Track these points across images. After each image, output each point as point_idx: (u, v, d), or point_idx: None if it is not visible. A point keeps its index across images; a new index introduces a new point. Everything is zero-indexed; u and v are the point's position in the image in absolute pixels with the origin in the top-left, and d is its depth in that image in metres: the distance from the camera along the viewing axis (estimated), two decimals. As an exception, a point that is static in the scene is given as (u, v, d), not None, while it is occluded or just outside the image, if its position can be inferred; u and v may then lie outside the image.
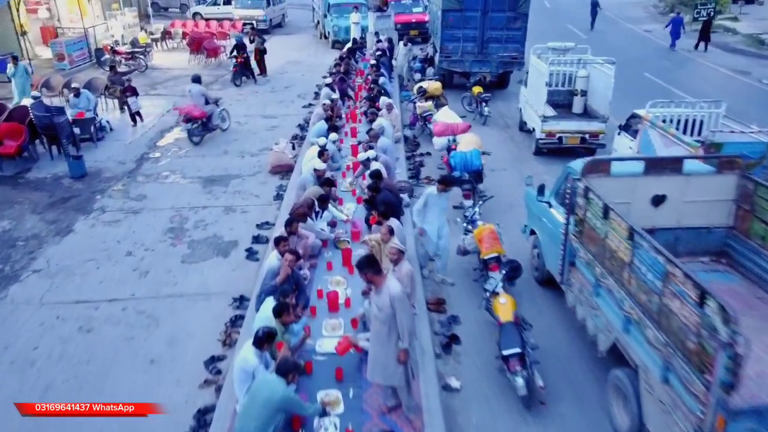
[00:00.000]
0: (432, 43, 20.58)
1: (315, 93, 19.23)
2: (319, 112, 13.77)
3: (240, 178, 12.77)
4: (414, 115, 15.44)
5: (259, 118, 17.00)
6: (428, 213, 8.29)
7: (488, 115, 15.95)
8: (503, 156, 13.85)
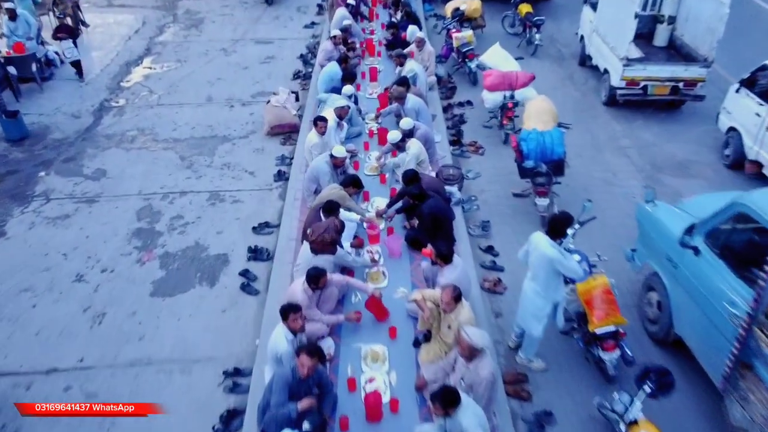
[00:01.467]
0: None
1: (318, 6, 15.58)
2: (328, 48, 10.50)
3: (229, 141, 9.80)
4: (447, 47, 12.10)
5: (249, 43, 13.58)
6: (535, 270, 5.46)
7: (539, 44, 12.59)
8: (563, 106, 10.71)
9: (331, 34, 10.50)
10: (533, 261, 5.31)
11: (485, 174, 8.92)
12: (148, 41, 13.66)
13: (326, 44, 10.55)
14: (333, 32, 10.53)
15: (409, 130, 7.65)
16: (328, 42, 10.55)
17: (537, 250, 5.31)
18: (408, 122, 7.83)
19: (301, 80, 11.78)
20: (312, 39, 13.60)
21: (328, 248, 5.81)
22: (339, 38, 10.50)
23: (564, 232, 5.27)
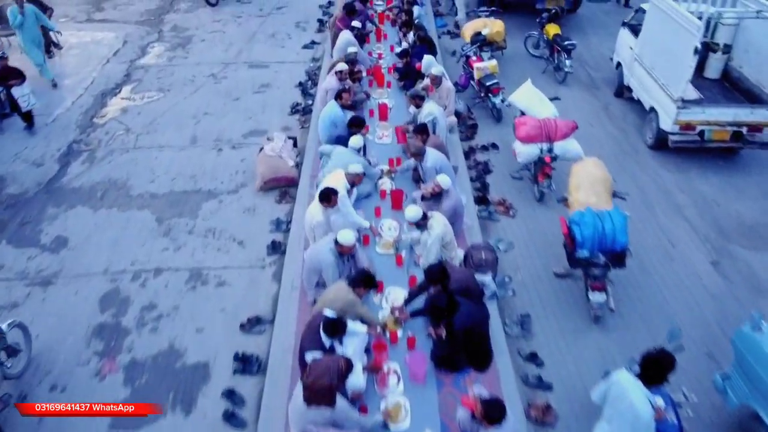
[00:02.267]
0: None
1: (319, 21, 14.07)
2: (332, 85, 9.01)
3: (215, 197, 8.35)
4: (466, 75, 10.62)
5: (242, 67, 12.09)
6: (617, 424, 4.10)
7: (570, 71, 11.09)
8: (600, 147, 9.33)
9: (336, 69, 9.02)
10: (616, 410, 4.01)
11: (518, 243, 7.50)
12: (129, 65, 12.17)
13: (330, 80, 9.05)
14: (338, 66, 9.04)
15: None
16: (332, 78, 9.06)
17: (625, 401, 4.01)
18: (446, 181, 6.48)
19: (300, 115, 10.32)
20: (312, 63, 12.11)
21: (325, 400, 4.37)
22: (345, 73, 9.02)
23: (665, 377, 3.95)
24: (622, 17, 14.08)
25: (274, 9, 15.05)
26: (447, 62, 12.02)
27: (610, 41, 12.63)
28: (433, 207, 6.74)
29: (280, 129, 9.90)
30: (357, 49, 10.16)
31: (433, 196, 6.78)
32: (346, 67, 9.04)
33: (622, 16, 14.23)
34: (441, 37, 13.34)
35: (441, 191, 6.67)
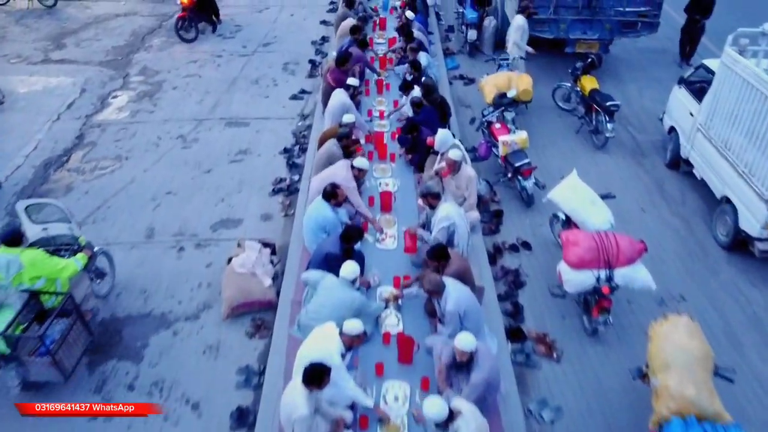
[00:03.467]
0: None
1: (311, 63, 12.13)
2: (319, 184, 7.06)
3: (169, 327, 6.43)
4: (487, 143, 8.67)
5: (218, 125, 10.15)
6: None
7: (611, 136, 9.15)
8: (657, 244, 7.44)
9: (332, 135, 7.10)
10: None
11: (568, 406, 5.58)
12: (84, 122, 10.24)
13: (327, 173, 7.10)
14: (329, 147, 7.11)
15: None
16: (330, 170, 7.11)
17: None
18: (472, 343, 4.58)
19: (284, 196, 8.39)
20: (300, 121, 10.19)
21: None
22: (346, 178, 7.04)
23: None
24: (663, 56, 12.29)
25: (259, 46, 13.12)
26: (460, 117, 10.10)
27: (652, 90, 10.82)
28: (457, 379, 4.85)
29: (259, 217, 8.00)
30: (353, 114, 8.27)
31: (459, 365, 4.87)
32: (346, 166, 7.01)
33: (662, 55, 12.38)
34: (452, 83, 11.42)
35: (469, 358, 4.76)
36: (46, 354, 5.24)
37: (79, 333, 5.69)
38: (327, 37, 13.27)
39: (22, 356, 5.32)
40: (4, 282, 5.39)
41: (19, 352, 5.31)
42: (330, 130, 8.04)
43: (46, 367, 5.33)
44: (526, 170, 7.73)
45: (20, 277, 5.43)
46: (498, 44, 12.55)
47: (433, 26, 13.34)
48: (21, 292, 5.46)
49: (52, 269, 5.52)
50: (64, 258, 5.75)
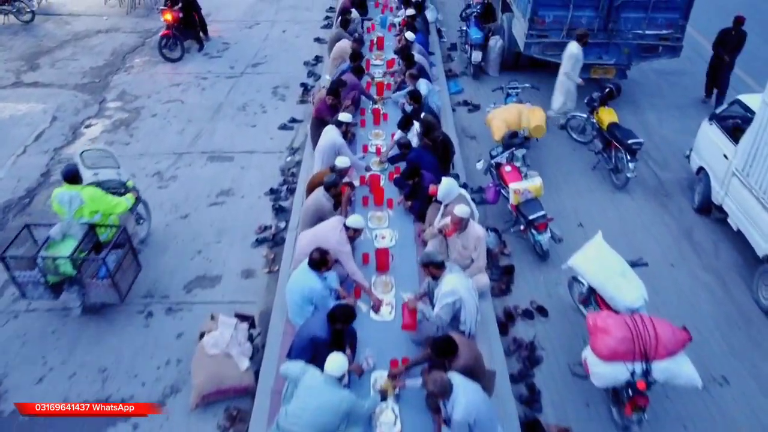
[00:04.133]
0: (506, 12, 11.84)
1: (303, 87, 11.22)
2: (306, 245, 6.16)
3: (128, 420, 5.46)
4: (495, 188, 7.75)
5: (199, 160, 9.25)
6: None
7: (632, 176, 8.24)
8: (691, 309, 6.56)
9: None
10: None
11: None
12: (52, 156, 9.34)
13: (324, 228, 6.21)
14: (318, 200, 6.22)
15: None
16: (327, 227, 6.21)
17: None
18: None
19: (269, 247, 7.49)
20: (289, 156, 9.27)
21: None
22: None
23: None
24: (684, 79, 11.37)
25: (248, 67, 12.21)
26: (464, 150, 9.21)
27: (673, 119, 9.95)
28: None
29: (239, 274, 7.10)
30: (346, 154, 7.39)
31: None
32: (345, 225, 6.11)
33: (682, 78, 11.47)
34: (456, 110, 10.51)
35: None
36: (106, 276, 6.00)
37: (131, 262, 6.47)
38: (320, 57, 12.37)
39: (84, 279, 6.04)
40: (66, 216, 6.15)
41: (82, 275, 6.02)
42: (319, 175, 7.15)
43: (105, 289, 6.08)
44: (541, 224, 6.82)
45: (81, 211, 6.17)
46: (504, 65, 11.67)
47: (435, 45, 12.45)
48: (81, 225, 6.18)
49: (107, 205, 6.29)
50: (115, 197, 6.49)
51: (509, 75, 11.52)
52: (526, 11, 9.64)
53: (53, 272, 5.98)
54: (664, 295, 6.72)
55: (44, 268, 5.94)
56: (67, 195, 6.14)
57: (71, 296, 6.11)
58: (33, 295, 6.15)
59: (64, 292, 6.12)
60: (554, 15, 9.48)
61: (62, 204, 6.15)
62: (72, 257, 5.92)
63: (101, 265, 6.02)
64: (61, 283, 6.10)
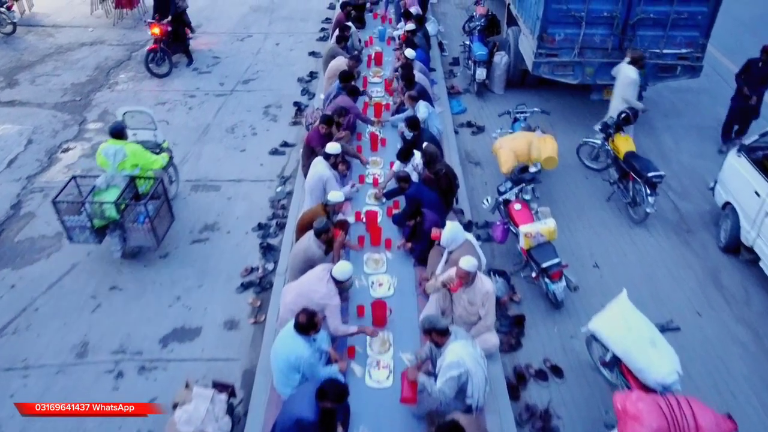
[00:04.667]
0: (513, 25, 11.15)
1: (296, 106, 10.56)
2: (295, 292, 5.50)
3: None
4: (504, 226, 7.07)
5: (182, 189, 8.57)
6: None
7: (652, 212, 7.56)
8: (724, 368, 5.90)
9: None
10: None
11: None
12: (24, 185, 8.68)
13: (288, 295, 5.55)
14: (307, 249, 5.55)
15: None
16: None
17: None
18: None
19: (255, 293, 6.86)
20: (280, 186, 8.61)
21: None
22: None
23: None
24: (702, 98, 10.70)
25: (238, 83, 11.54)
26: (468, 178, 8.56)
27: (691, 142, 9.35)
28: None
29: (222, 325, 6.44)
30: (335, 188, 6.75)
31: None
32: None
33: (699, 96, 10.79)
34: (459, 132, 9.85)
35: None
36: (145, 221, 6.67)
37: (166, 212, 7.22)
38: (315, 73, 11.71)
39: (126, 223, 6.74)
40: (110, 168, 6.79)
41: (125, 220, 6.71)
42: (310, 214, 6.49)
43: (144, 233, 6.76)
44: (555, 273, 6.14)
45: (123, 164, 6.83)
46: (510, 83, 11.01)
47: (436, 60, 11.79)
48: (124, 176, 6.84)
49: (146, 161, 6.99)
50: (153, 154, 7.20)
51: (515, 93, 10.89)
52: (535, 28, 8.97)
53: (99, 216, 6.65)
54: (691, 350, 6.05)
55: (91, 213, 6.62)
56: (112, 149, 6.82)
57: (113, 240, 6.84)
58: (79, 238, 6.84)
59: (107, 236, 6.86)
60: (565, 33, 8.80)
61: (107, 157, 6.82)
62: (116, 202, 6.60)
63: (142, 211, 6.69)
64: (104, 228, 6.80)
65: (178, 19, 11.72)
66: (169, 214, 7.33)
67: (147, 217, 6.69)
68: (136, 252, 7.22)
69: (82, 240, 6.84)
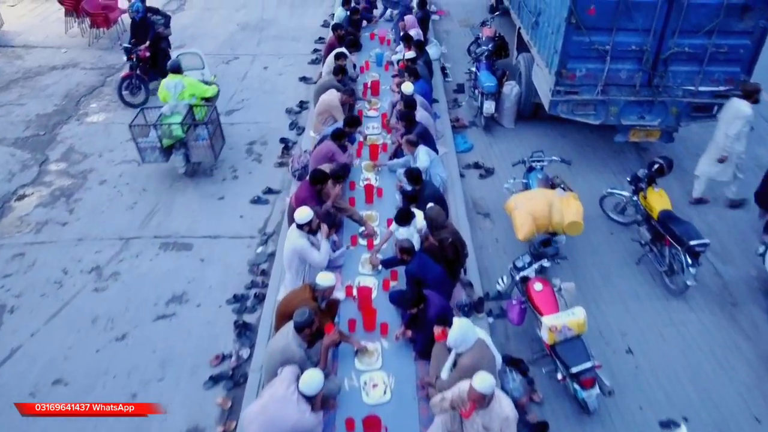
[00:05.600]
0: (521, 54, 10.03)
1: (283, 144, 9.47)
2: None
3: None
4: (520, 306, 5.96)
5: (150, 248, 7.54)
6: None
7: (693, 284, 6.45)
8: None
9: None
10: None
11: None
12: (-29, 241, 7.55)
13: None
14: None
15: None
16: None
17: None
18: None
19: (226, 389, 5.76)
20: (261, 246, 7.53)
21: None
22: None
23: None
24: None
25: (222, 114, 10.38)
26: (477, 234, 7.49)
27: (733, 195, 8.11)
28: None
29: (184, 434, 5.33)
30: (313, 261, 5.70)
31: None
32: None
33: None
34: (465, 176, 8.76)
35: None
36: (206, 139, 8.15)
37: (220, 134, 8.71)
38: (305, 102, 10.62)
39: (189, 142, 8.18)
40: (171, 99, 8.21)
41: (188, 139, 8.14)
42: (293, 299, 5.42)
43: (205, 150, 8.25)
44: (586, 380, 5.05)
45: (182, 94, 8.29)
46: (521, 115, 9.93)
47: (439, 88, 10.72)
48: (184, 105, 8.21)
49: (201, 91, 8.54)
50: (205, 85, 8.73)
51: (527, 126, 9.84)
52: (552, 63, 7.88)
53: (168, 136, 8.01)
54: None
55: (161, 134, 7.99)
56: (172, 82, 8.27)
57: (178, 158, 8.28)
58: (150, 158, 8.22)
59: (173, 155, 8.28)
60: (587, 68, 7.72)
61: (168, 89, 8.24)
62: (182, 123, 7.99)
63: (202, 131, 8.09)
64: (170, 148, 8.19)
65: (157, 42, 10.63)
66: (221, 135, 8.81)
67: (207, 135, 8.12)
68: (196, 169, 8.69)
69: (152, 159, 8.24)
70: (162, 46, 10.69)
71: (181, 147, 8.19)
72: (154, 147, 8.09)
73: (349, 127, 7.83)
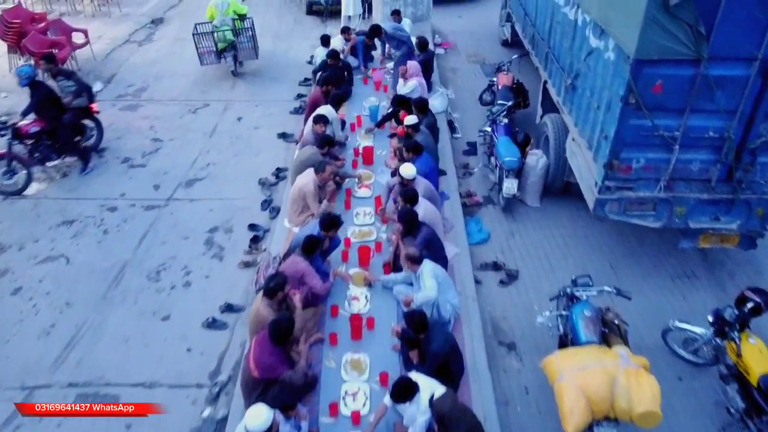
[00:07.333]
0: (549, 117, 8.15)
1: (251, 231, 7.55)
2: None
3: None
4: None
5: (58, 398, 5.46)
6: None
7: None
8: None
9: None
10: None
11: None
12: None
13: None
14: None
15: None
16: None
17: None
18: None
19: None
20: (210, 404, 5.57)
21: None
22: None
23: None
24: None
25: (180, 185, 8.57)
26: (498, 377, 5.60)
27: None
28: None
29: None
30: None
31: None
32: None
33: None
34: (481, 283, 6.83)
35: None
36: (249, 41, 11.35)
37: (255, 42, 11.54)
38: (283, 170, 8.70)
39: (237, 44, 11.21)
40: (219, 15, 11.03)
41: (236, 40, 11.17)
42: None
43: (249, 50, 11.48)
44: None
45: (228, 10, 11.08)
46: (547, 190, 8.02)
47: (446, 152, 8.83)
48: (230, 19, 11.07)
49: (239, 8, 11.26)
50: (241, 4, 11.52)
51: (556, 205, 8.01)
52: (600, 150, 5.98)
53: (222, 40, 10.88)
54: None
55: (216, 39, 10.85)
56: (219, 1, 10.98)
57: (229, 55, 11.15)
58: (207, 60, 11.13)
59: (223, 58, 11.15)
60: (647, 158, 5.83)
61: (216, 7, 11.00)
62: (232, 29, 10.95)
63: (247, 36, 11.23)
64: (222, 51, 11.02)
65: (58, 117, 8.53)
66: (254, 48, 11.50)
67: (250, 39, 11.19)
68: (241, 71, 11.50)
69: (209, 62, 11.08)
70: (65, 119, 8.53)
71: (231, 49, 11.03)
72: (210, 51, 10.91)
73: (324, 231, 5.91)
